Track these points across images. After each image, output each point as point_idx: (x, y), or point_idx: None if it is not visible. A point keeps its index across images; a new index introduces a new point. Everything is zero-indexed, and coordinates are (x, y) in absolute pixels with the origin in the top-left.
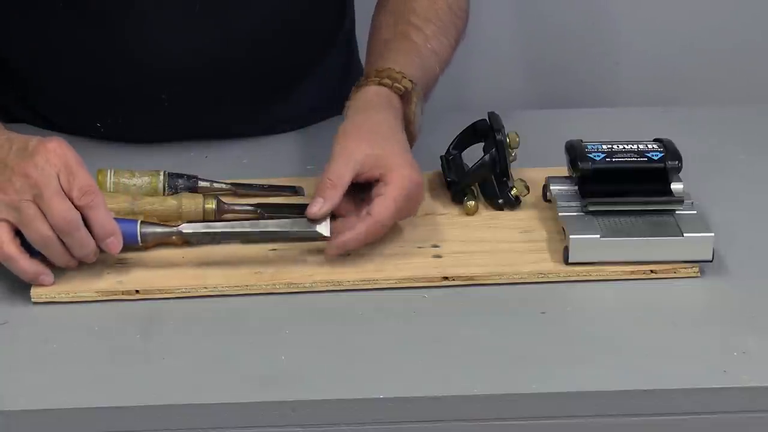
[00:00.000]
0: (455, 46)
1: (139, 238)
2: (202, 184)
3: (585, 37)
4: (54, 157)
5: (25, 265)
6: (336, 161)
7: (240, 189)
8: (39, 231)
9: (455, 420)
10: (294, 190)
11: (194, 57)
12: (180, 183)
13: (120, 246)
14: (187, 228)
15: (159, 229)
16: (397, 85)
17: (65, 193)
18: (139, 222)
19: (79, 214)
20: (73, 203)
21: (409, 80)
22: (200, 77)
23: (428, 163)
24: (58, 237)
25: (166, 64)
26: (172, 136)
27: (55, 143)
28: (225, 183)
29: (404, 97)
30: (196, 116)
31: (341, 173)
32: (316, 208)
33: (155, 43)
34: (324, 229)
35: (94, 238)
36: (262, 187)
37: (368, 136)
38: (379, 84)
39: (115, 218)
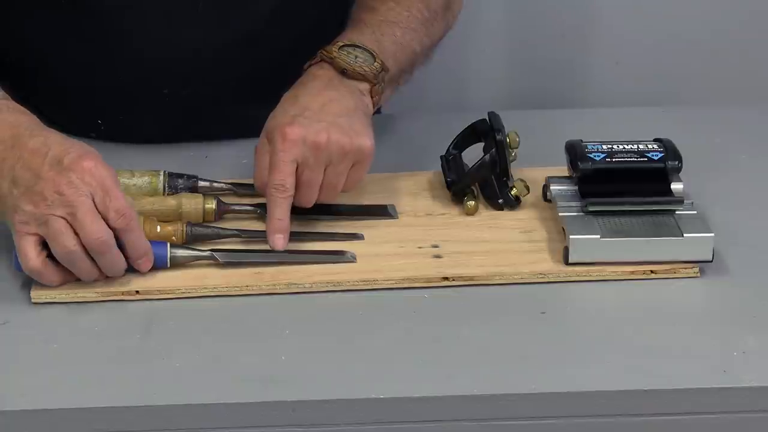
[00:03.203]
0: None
1: (168, 262)
2: (202, 184)
3: (585, 37)
4: (89, 177)
5: (52, 276)
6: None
7: (240, 189)
8: (65, 246)
9: (455, 420)
10: None
11: (195, 51)
12: (180, 183)
13: (151, 265)
14: (221, 254)
15: (190, 252)
16: (322, 53)
17: (100, 213)
18: (168, 245)
19: (113, 234)
20: (108, 224)
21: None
22: (202, 72)
23: (428, 163)
24: (86, 253)
25: (167, 59)
26: (172, 133)
27: (92, 162)
28: (225, 183)
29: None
30: (196, 112)
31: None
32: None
33: (157, 37)
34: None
35: (126, 258)
36: None
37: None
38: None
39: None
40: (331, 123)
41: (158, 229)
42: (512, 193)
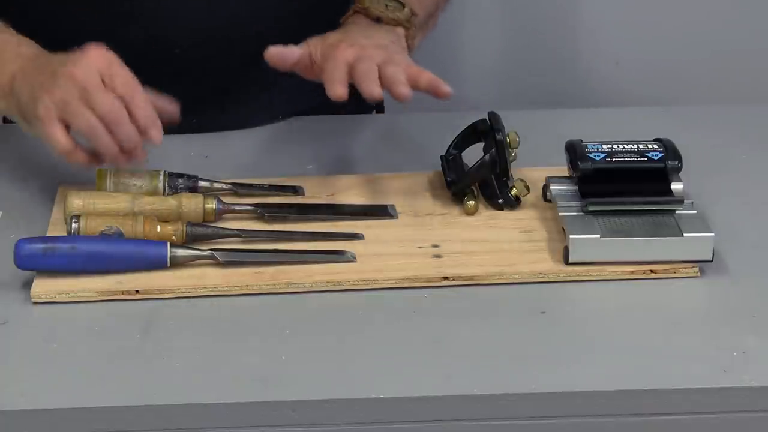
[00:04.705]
0: None
1: (168, 262)
2: (202, 184)
3: (585, 37)
4: (95, 58)
5: (80, 156)
6: None
7: (240, 189)
8: (87, 120)
9: (455, 420)
10: (294, 190)
11: (207, 11)
12: (180, 183)
13: (161, 136)
14: (221, 254)
15: (190, 252)
16: (355, 5)
17: (108, 89)
18: (168, 245)
19: (124, 108)
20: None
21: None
22: (213, 32)
23: (428, 163)
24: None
25: (179, 17)
26: (183, 99)
27: (97, 48)
28: (225, 183)
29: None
30: (206, 75)
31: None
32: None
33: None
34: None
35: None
36: (262, 187)
37: None
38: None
39: (145, 240)
40: (363, 37)
41: (158, 229)
42: (512, 193)
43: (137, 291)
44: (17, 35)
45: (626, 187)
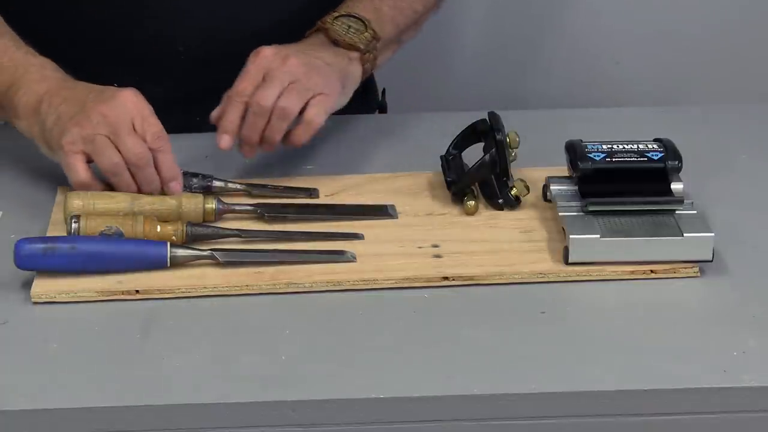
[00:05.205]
0: None
1: (168, 262)
2: (216, 184)
3: (585, 37)
4: (130, 103)
5: (97, 189)
6: None
7: (254, 190)
8: (111, 159)
9: (455, 420)
10: (309, 193)
11: (210, 7)
12: (194, 182)
13: (181, 189)
14: (221, 254)
15: (190, 252)
16: (319, 23)
17: (138, 134)
18: (168, 245)
19: (150, 155)
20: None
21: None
22: (216, 29)
23: (428, 163)
24: (127, 168)
25: (182, 13)
26: (186, 100)
27: (131, 92)
28: (239, 183)
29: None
30: (210, 73)
31: None
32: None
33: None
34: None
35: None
36: (276, 189)
37: None
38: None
39: (145, 240)
40: (300, 52)
41: (158, 229)
42: (512, 193)
43: (137, 291)
44: (38, 55)
45: (626, 187)
